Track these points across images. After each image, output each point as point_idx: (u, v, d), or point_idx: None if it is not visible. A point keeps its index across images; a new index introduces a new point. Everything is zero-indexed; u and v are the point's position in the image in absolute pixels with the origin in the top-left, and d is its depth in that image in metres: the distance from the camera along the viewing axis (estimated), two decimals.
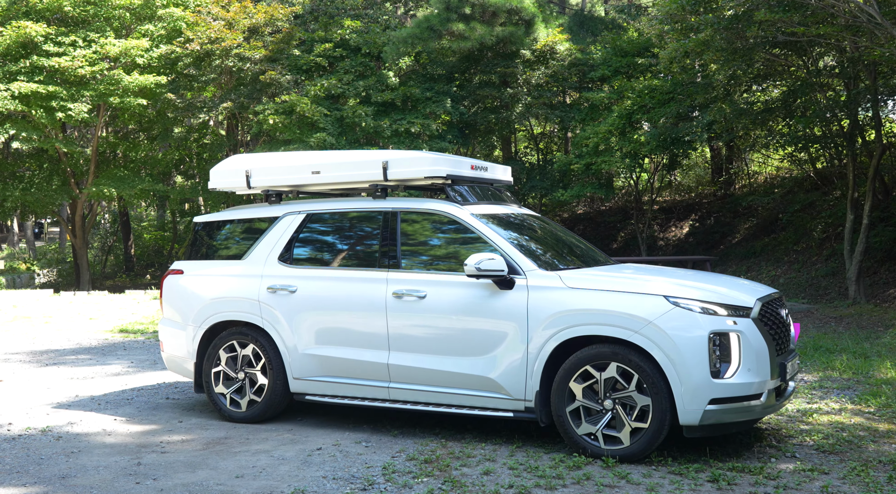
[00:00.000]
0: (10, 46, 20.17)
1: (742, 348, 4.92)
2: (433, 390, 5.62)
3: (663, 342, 4.90)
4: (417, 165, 5.98)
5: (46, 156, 23.67)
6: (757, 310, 5.07)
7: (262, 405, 6.21)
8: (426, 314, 5.65)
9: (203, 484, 4.70)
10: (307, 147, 19.09)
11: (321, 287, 6.08)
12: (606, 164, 18.71)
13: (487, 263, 5.31)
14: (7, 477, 4.86)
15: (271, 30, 21.26)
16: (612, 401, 5.05)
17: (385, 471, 4.88)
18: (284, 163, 6.61)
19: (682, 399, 4.86)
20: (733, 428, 5.07)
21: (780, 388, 5.18)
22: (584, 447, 5.10)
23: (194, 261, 6.80)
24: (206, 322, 6.47)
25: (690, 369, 4.84)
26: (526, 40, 20.56)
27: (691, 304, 4.97)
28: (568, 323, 5.17)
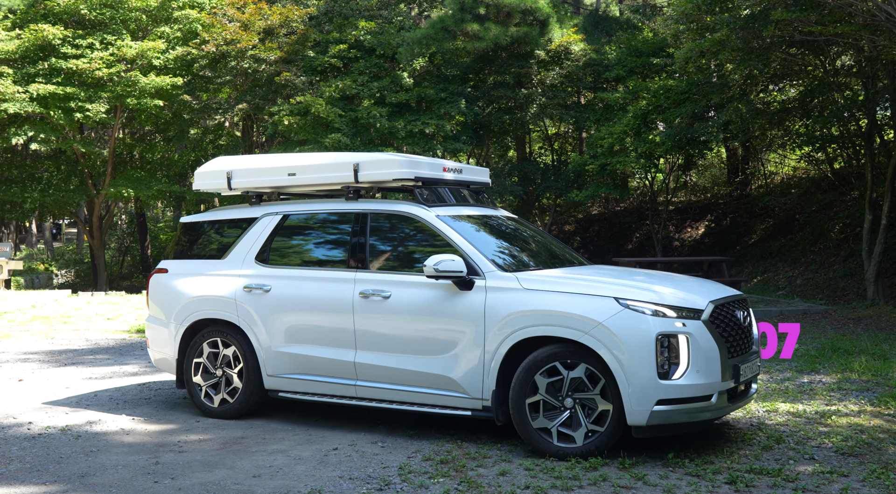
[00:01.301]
0: (28, 49, 20.39)
1: (691, 349, 4.97)
2: (397, 388, 5.73)
3: (612, 343, 4.97)
4: (386, 168, 6.09)
5: (64, 157, 23.87)
6: (709, 312, 5.11)
7: (234, 405, 6.38)
8: (390, 314, 5.77)
9: (221, 484, 4.73)
10: (322, 148, 19.14)
11: (293, 287, 6.22)
12: (621, 164, 18.65)
13: (445, 264, 5.40)
14: (28, 475, 4.91)
15: (286, 31, 21.34)
16: (572, 401, 5.12)
17: (401, 471, 4.89)
18: (262, 165, 6.77)
19: (629, 400, 4.93)
20: (683, 429, 5.12)
21: (735, 390, 5.22)
22: (535, 442, 5.18)
23: (179, 260, 6.97)
24: (187, 320, 6.64)
25: (637, 370, 4.91)
26: (540, 41, 20.53)
27: (641, 306, 5.03)
28: (523, 324, 5.25)
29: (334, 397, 6.01)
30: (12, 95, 19.08)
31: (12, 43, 20.24)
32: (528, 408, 5.19)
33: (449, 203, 6.24)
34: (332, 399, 6.01)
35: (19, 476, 4.89)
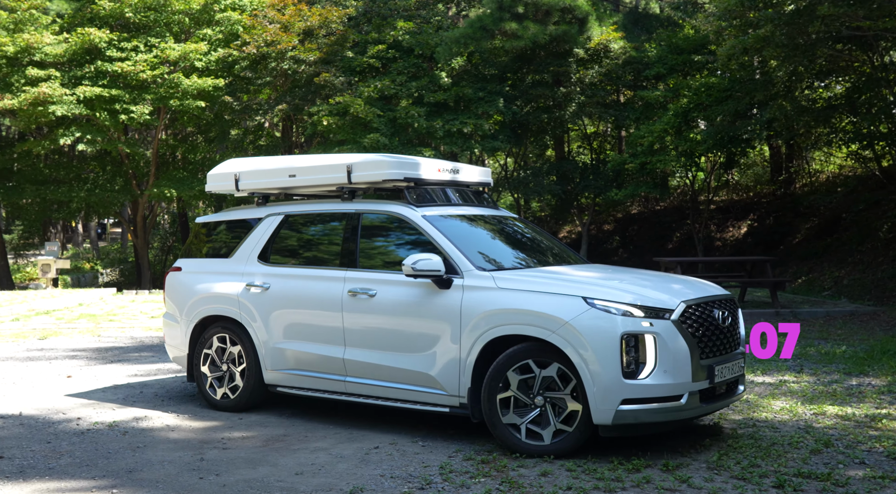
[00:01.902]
0: (75, 52, 20.83)
1: (658, 349, 4.96)
2: (382, 384, 5.87)
3: (577, 342, 5.00)
4: (377, 169, 6.22)
5: (110, 158, 24.36)
6: (679, 312, 5.09)
7: (233, 400, 6.65)
8: (375, 312, 5.91)
9: (264, 481, 4.77)
10: (360, 148, 19.24)
11: (290, 285, 6.44)
12: (661, 163, 18.45)
13: (423, 263, 5.49)
14: (78, 470, 5.02)
15: (325, 32, 21.50)
16: (543, 399, 5.17)
17: (442, 471, 4.89)
18: (266, 167, 6.95)
19: (594, 399, 4.94)
20: (654, 429, 5.11)
21: (711, 391, 5.20)
22: (504, 437, 5.24)
23: (192, 259, 7.26)
24: (196, 316, 6.92)
25: (602, 369, 4.93)
26: (579, 39, 20.40)
27: (607, 305, 5.04)
28: (495, 323, 5.32)
29: (326, 392, 6.21)
30: (60, 98, 19.51)
31: (60, 47, 20.70)
32: (498, 403, 5.26)
33: (439, 203, 6.35)
34: (325, 394, 6.22)
35: (70, 471, 4.99)
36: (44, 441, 5.72)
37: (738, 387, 5.58)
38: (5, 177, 24.33)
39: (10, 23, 21.39)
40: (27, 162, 24.49)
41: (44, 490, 4.64)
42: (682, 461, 5.02)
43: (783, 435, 5.59)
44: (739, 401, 6.63)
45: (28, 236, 31.75)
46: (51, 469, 5.04)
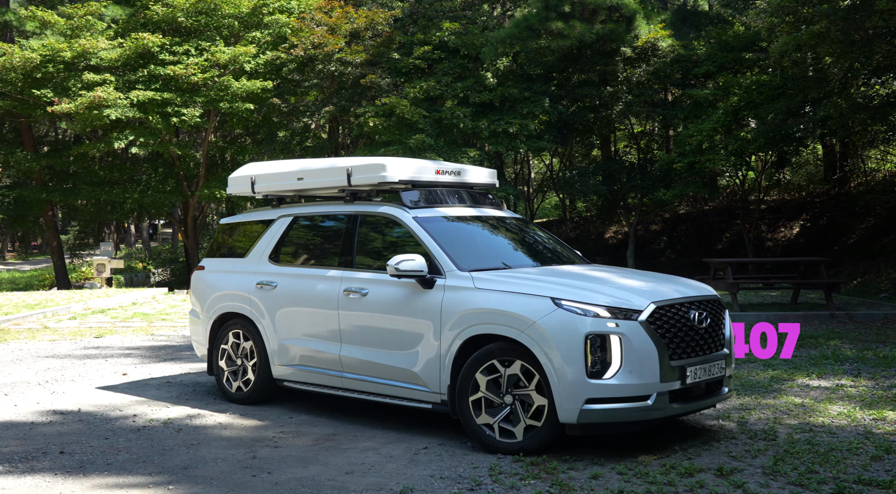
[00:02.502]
0: (129, 57, 21.31)
1: (624, 350, 5.01)
2: (374, 380, 6.06)
3: (544, 341, 5.09)
4: (372, 172, 6.39)
5: (161, 160, 24.86)
6: (647, 313, 5.11)
7: (246, 393, 6.97)
8: (367, 310, 6.11)
9: (315, 479, 4.82)
10: (406, 149, 19.32)
11: (295, 284, 6.71)
12: (711, 162, 18.18)
13: (406, 263, 5.67)
14: (135, 466, 5.13)
15: (371, 34, 21.64)
16: (512, 397, 5.28)
17: (492, 472, 4.88)
18: (278, 170, 7.25)
19: (559, 398, 5.03)
20: (622, 429, 5.16)
21: (684, 391, 5.21)
22: (480, 437, 5.35)
23: (214, 259, 7.63)
24: (215, 313, 7.29)
25: (567, 368, 5.01)
26: (627, 37, 20.21)
27: (574, 306, 5.11)
28: (471, 322, 5.45)
29: (325, 387, 6.46)
30: (114, 102, 19.98)
31: (115, 51, 21.20)
32: (471, 405, 5.39)
33: (435, 205, 6.48)
34: (324, 390, 6.46)
35: (127, 467, 5.11)
36: (102, 437, 5.87)
37: (721, 388, 5.57)
38: (62, 179, 25.01)
39: (68, 29, 21.99)
40: (83, 164, 25.14)
41: (103, 484, 4.76)
42: (736, 466, 4.93)
43: (841, 441, 5.45)
44: (794, 405, 6.50)
45: (83, 236, 32.56)
46: (109, 464, 5.17)
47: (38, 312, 13.90)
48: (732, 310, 12.30)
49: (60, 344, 10.70)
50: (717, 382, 5.51)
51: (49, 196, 23.74)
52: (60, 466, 5.12)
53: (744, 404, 6.62)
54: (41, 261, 46.56)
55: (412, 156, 19.20)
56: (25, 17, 23.35)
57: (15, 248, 62.49)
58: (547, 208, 38.60)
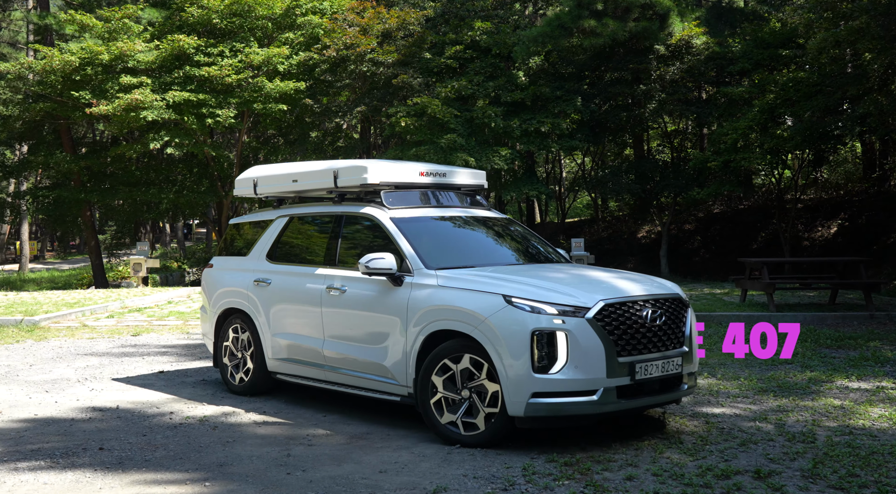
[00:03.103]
0: (165, 59, 21.60)
1: (569, 346, 5.18)
2: (352, 373, 6.34)
3: (494, 337, 5.29)
4: (356, 174, 6.66)
5: (196, 160, 25.18)
6: (595, 311, 5.25)
7: (245, 385, 7.32)
8: (345, 306, 6.40)
9: (349, 478, 4.84)
10: (437, 148, 19.34)
11: (286, 281, 7.03)
12: (746, 161, 17.95)
13: (375, 262, 5.92)
14: (172, 463, 5.20)
15: (403, 34, 21.69)
16: (468, 390, 5.48)
17: (525, 472, 4.86)
18: (276, 173, 7.58)
19: (508, 391, 5.23)
20: (570, 422, 5.31)
21: (633, 387, 5.32)
22: (448, 435, 5.53)
23: (222, 257, 8.01)
24: (219, 309, 7.67)
25: (514, 363, 5.20)
26: (660, 35, 20.02)
27: (523, 303, 5.30)
28: (432, 318, 5.68)
29: (311, 379, 6.79)
30: (151, 103, 20.27)
31: (151, 54, 21.51)
32: (433, 407, 5.62)
33: (414, 205, 6.73)
34: (310, 382, 6.80)
35: (164, 463, 5.18)
36: (140, 433, 5.96)
37: (680, 385, 5.67)
38: (100, 180, 25.43)
39: (105, 32, 22.36)
40: (119, 165, 25.55)
41: (141, 481, 4.83)
42: (774, 468, 4.86)
43: (883, 444, 5.34)
44: (833, 407, 6.39)
45: (120, 236, 33.12)
46: (147, 461, 5.24)
47: (77, 310, 14.15)
48: (768, 310, 12.14)
49: (99, 342, 10.89)
50: (674, 378, 5.61)
51: (87, 197, 24.16)
52: (100, 462, 5.21)
53: (781, 405, 6.53)
54: (79, 260, 47.43)
55: (443, 155, 19.22)
56: (65, 20, 23.79)
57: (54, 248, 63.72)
58: (579, 207, 38.39)
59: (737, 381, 7.55)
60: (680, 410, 6.42)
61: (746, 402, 6.69)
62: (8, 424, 6.28)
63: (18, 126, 25.28)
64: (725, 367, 8.29)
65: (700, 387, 7.29)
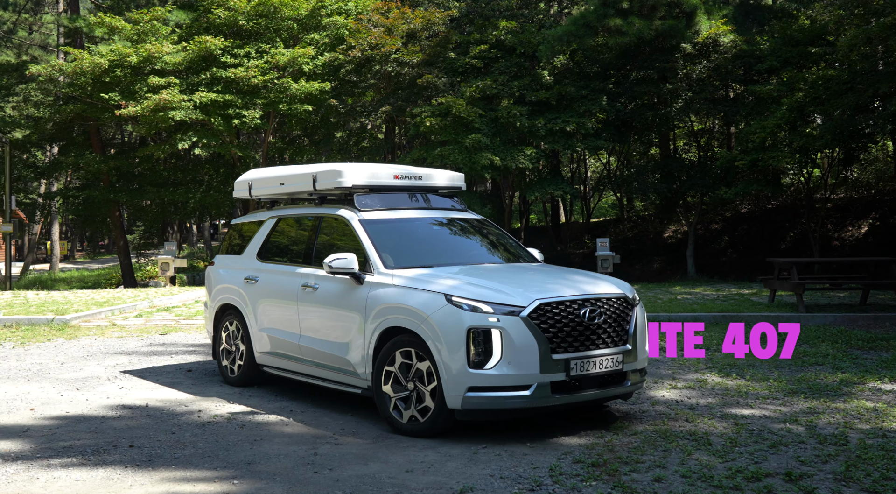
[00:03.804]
0: (192, 60, 21.82)
1: (503, 343, 5.41)
2: (323, 365, 6.66)
3: (434, 334, 5.57)
4: (332, 178, 6.98)
5: (223, 161, 25.41)
6: (530, 310, 5.49)
7: (238, 376, 7.75)
8: (317, 303, 6.73)
9: (376, 477, 4.85)
10: (462, 148, 19.33)
11: (270, 279, 7.41)
12: (774, 160, 17.75)
13: (338, 262, 6.23)
14: (201, 460, 5.24)
15: (428, 34, 21.71)
16: (412, 383, 5.78)
17: (552, 473, 4.84)
18: (267, 176, 7.94)
19: (446, 385, 5.51)
20: (507, 416, 5.54)
21: (567, 383, 5.54)
22: (392, 422, 5.89)
23: (223, 255, 8.42)
24: (217, 304, 8.11)
25: (451, 358, 5.47)
26: (687, 33, 19.85)
27: (461, 302, 5.56)
28: (386, 315, 5.97)
29: (290, 371, 7.13)
30: (178, 104, 20.48)
31: (179, 55, 21.73)
32: (384, 395, 5.96)
33: (385, 207, 6.99)
34: (291, 375, 7.12)
35: (193, 461, 5.23)
36: (169, 431, 6.01)
37: (623, 381, 5.87)
38: (128, 180, 25.75)
39: (134, 34, 22.63)
40: (147, 166, 25.84)
41: (170, 478, 4.87)
42: (805, 471, 4.79)
43: None
44: (865, 409, 6.30)
45: (148, 236, 33.53)
46: (176, 458, 5.29)
47: (107, 309, 14.33)
48: (797, 311, 11.99)
49: (128, 341, 11.01)
50: (616, 375, 5.80)
51: (116, 197, 24.47)
52: (130, 459, 5.27)
53: (812, 407, 6.44)
54: (108, 260, 48.05)
55: (468, 155, 19.21)
56: (94, 23, 24.12)
57: (84, 247, 64.56)
58: (604, 206, 38.18)
59: (766, 382, 7.47)
60: (708, 411, 6.37)
61: (776, 404, 6.61)
62: (41, 421, 6.37)
63: (49, 127, 25.70)
64: (754, 368, 8.20)
65: (729, 388, 7.22)
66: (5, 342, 10.84)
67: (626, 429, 5.87)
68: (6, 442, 5.71)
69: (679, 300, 14.28)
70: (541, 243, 30.35)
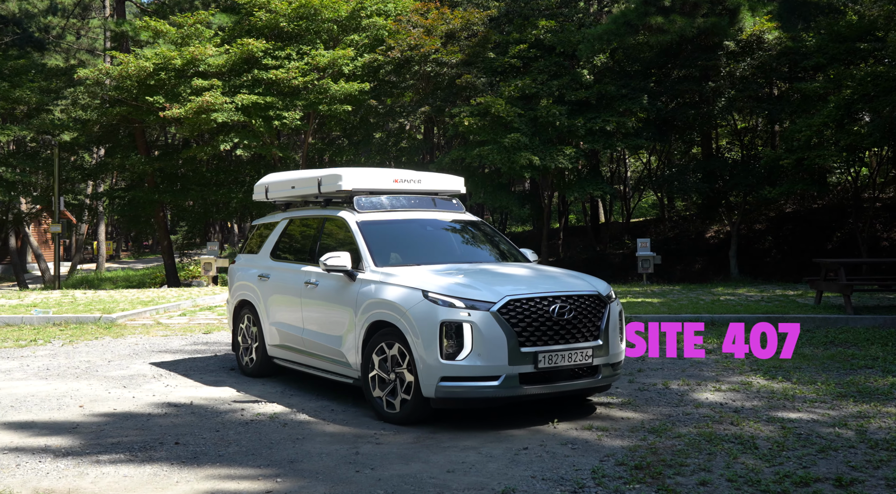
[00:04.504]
0: (235, 63, 22.10)
1: (474, 336, 5.77)
2: (322, 357, 7.10)
3: (412, 327, 5.95)
4: (334, 182, 7.42)
5: (263, 161, 25.69)
6: (499, 305, 5.83)
7: (252, 367, 8.28)
8: (317, 299, 7.16)
9: (417, 477, 4.86)
10: (500, 148, 19.28)
11: (279, 276, 7.89)
12: (821, 158, 17.41)
13: (332, 260, 6.66)
14: (245, 458, 5.31)
15: (467, 34, 21.70)
16: (395, 373, 6.16)
17: (594, 475, 4.80)
18: (281, 179, 8.42)
19: (421, 375, 5.89)
20: (479, 404, 5.90)
21: (536, 374, 5.85)
22: (378, 410, 6.32)
23: (244, 254, 8.92)
24: (235, 300, 8.63)
25: (426, 350, 5.85)
26: (730, 31, 19.56)
27: (436, 297, 5.92)
28: (373, 310, 6.36)
29: (295, 363, 7.61)
30: (221, 106, 20.76)
31: (221, 57, 22.03)
32: (370, 381, 6.36)
33: (383, 209, 7.42)
34: (297, 366, 7.60)
35: (237, 459, 5.29)
36: (213, 429, 6.10)
37: (595, 374, 6.17)
38: (172, 181, 26.17)
39: (178, 37, 23.00)
40: (190, 167, 26.24)
41: (215, 475, 4.94)
42: (856, 476, 4.68)
43: None
44: None
45: (191, 236, 34.04)
46: (220, 456, 5.36)
47: (151, 308, 14.59)
48: (845, 313, 11.73)
49: (172, 340, 11.20)
50: (587, 368, 6.11)
51: (160, 197, 24.90)
52: (176, 456, 5.35)
53: (862, 411, 6.29)
54: (152, 260, 48.93)
55: (507, 155, 19.16)
56: (140, 27, 24.58)
57: (128, 247, 65.82)
58: (644, 206, 37.79)
59: (813, 385, 7.32)
60: (754, 414, 6.26)
61: (825, 407, 6.48)
62: (89, 418, 6.51)
63: (96, 130, 26.24)
64: (801, 371, 8.04)
65: (775, 391, 7.09)
66: (55, 340, 11.11)
67: (668, 432, 5.79)
68: (57, 438, 5.84)
69: (722, 302, 14.07)
70: (580, 243, 30.14)
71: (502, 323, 5.79)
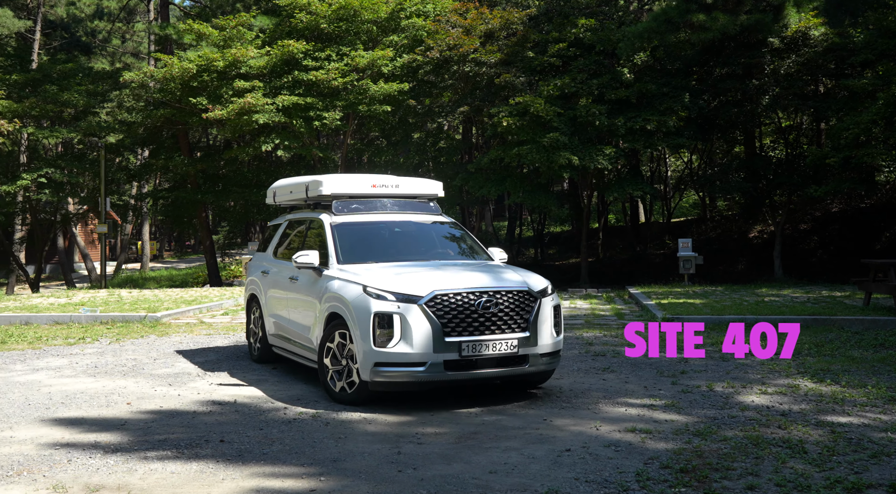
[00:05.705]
0: (276, 64, 22.34)
1: (402, 326, 6.44)
2: (301, 344, 7.84)
3: (352, 318, 6.66)
4: (317, 187, 8.22)
5: (303, 162, 25.91)
6: (427, 299, 6.46)
7: (257, 355, 9.18)
8: (296, 292, 8.01)
9: (459, 477, 4.85)
10: (539, 147, 19.19)
11: (276, 272, 8.72)
12: (869, 157, 17.03)
13: (302, 258, 7.47)
14: (288, 456, 5.35)
15: (506, 33, 21.64)
16: (346, 359, 6.85)
17: (639, 478, 4.74)
18: (283, 185, 9.32)
19: (360, 361, 6.60)
20: (410, 388, 6.53)
21: (460, 362, 6.44)
22: (328, 390, 7.02)
23: (258, 253, 9.70)
24: (247, 294, 9.63)
25: (362, 339, 6.55)
26: (774, 27, 19.23)
27: (373, 291, 6.61)
28: (330, 302, 7.06)
29: (286, 350, 8.35)
30: (262, 107, 21.00)
31: (262, 59, 22.29)
32: (324, 365, 7.07)
33: (358, 212, 8.11)
34: (286, 354, 8.35)
35: (281, 457, 5.34)
36: (257, 427, 6.16)
37: (523, 364, 6.71)
38: (213, 182, 26.54)
39: (220, 40, 23.31)
40: (232, 167, 26.58)
41: (260, 473, 4.99)
42: None
43: None
44: None
45: (232, 236, 34.51)
46: (265, 454, 5.42)
47: (195, 307, 14.81)
48: (893, 315, 11.44)
49: (215, 338, 11.35)
50: (514, 357, 6.65)
51: (202, 198, 25.26)
52: (221, 453, 5.42)
53: None
54: (194, 260, 49.66)
55: (546, 154, 19.06)
56: (183, 30, 24.96)
57: (171, 247, 66.95)
58: (685, 206, 37.31)
59: (864, 389, 7.15)
60: (802, 418, 6.14)
61: (876, 411, 6.32)
62: (137, 415, 6.63)
63: (141, 132, 26.72)
64: (850, 374, 7.87)
65: (823, 394, 6.95)
66: (102, 339, 11.34)
67: (714, 435, 5.71)
68: (106, 435, 5.96)
69: (766, 303, 13.83)
70: (620, 243, 29.87)
71: (428, 315, 6.43)
